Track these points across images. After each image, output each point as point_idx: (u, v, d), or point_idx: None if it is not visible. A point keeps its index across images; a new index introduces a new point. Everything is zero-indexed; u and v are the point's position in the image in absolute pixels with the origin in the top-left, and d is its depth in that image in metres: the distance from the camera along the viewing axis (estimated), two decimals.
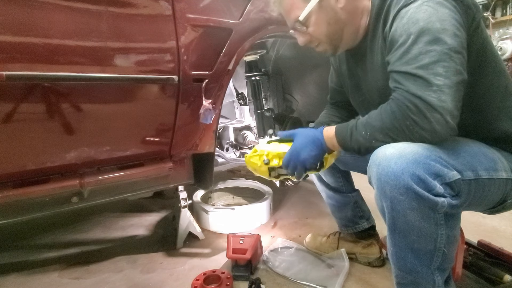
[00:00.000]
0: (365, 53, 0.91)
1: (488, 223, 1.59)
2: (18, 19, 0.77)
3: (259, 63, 1.81)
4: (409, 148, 0.67)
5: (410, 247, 0.72)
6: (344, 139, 0.80)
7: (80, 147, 0.97)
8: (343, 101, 1.16)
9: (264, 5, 1.20)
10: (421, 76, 0.66)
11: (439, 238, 0.70)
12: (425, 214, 0.68)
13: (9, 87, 0.79)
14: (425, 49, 0.67)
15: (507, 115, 0.82)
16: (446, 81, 0.65)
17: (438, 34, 0.67)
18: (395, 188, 0.67)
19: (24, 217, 0.99)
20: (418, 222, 0.69)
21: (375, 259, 1.23)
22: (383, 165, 0.68)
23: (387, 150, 0.69)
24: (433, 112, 0.65)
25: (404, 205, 0.68)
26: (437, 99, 0.64)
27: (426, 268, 0.73)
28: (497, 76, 0.81)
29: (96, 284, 1.17)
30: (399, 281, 0.79)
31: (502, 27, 4.06)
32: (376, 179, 0.70)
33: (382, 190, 0.70)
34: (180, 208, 1.39)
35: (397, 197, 0.67)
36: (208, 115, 1.08)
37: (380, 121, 0.73)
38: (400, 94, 0.70)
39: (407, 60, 0.69)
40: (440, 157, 0.68)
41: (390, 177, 0.67)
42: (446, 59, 0.66)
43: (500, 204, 0.81)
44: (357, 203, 1.25)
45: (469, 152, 0.75)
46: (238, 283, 1.15)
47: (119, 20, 0.90)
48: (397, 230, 0.72)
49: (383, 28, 0.81)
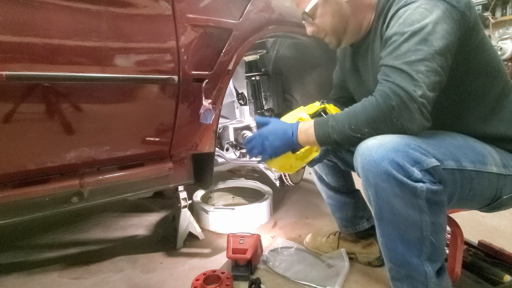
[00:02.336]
0: (367, 49, 0.94)
1: (488, 223, 1.59)
2: (18, 19, 0.77)
3: (259, 63, 1.81)
4: (389, 138, 0.72)
5: (399, 237, 0.75)
6: (324, 131, 0.82)
7: (80, 147, 0.97)
8: (345, 97, 1.18)
9: (264, 5, 1.20)
10: (406, 71, 0.72)
11: (423, 225, 0.72)
12: (409, 201, 0.70)
13: (9, 87, 0.79)
14: (413, 47, 0.73)
15: (500, 116, 0.84)
16: (425, 79, 0.71)
17: (428, 36, 0.72)
18: (377, 175, 0.71)
19: (24, 217, 0.99)
20: (403, 210, 0.71)
21: (375, 259, 1.23)
22: (365, 155, 0.73)
23: (369, 141, 0.74)
24: (413, 102, 0.70)
25: (387, 192, 0.71)
26: (416, 93, 0.70)
27: (416, 259, 0.74)
28: (493, 76, 0.83)
29: (96, 284, 1.17)
30: (393, 275, 0.80)
31: (502, 27, 4.06)
32: (360, 168, 0.75)
33: (366, 178, 0.74)
34: (180, 208, 1.39)
35: (380, 184, 0.71)
36: (208, 115, 1.08)
37: (364, 113, 0.77)
38: (385, 85, 0.74)
39: (396, 56, 0.75)
40: (419, 146, 0.72)
41: (372, 164, 0.71)
42: (429, 59, 0.71)
43: (495, 200, 0.82)
44: (357, 203, 1.25)
45: (454, 144, 0.78)
46: (238, 283, 1.15)
47: (119, 20, 0.90)
48: (384, 219, 0.76)
49: (382, 26, 0.85)
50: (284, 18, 1.26)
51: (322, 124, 0.83)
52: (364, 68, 0.98)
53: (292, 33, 1.37)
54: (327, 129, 0.82)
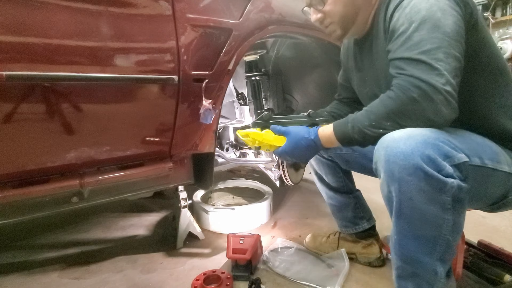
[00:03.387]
0: (371, 43, 0.93)
1: (488, 223, 1.59)
2: (18, 19, 0.77)
3: (259, 63, 1.81)
4: (417, 131, 0.68)
5: (413, 233, 0.72)
6: (344, 132, 0.81)
7: (80, 147, 0.97)
8: (349, 97, 1.18)
9: (264, 5, 1.20)
10: (424, 61, 0.69)
11: (445, 224, 0.68)
12: (432, 197, 0.67)
13: (9, 87, 0.79)
14: (426, 36, 0.70)
15: (506, 113, 0.83)
16: (446, 66, 0.68)
17: (439, 23, 0.70)
18: (404, 168, 0.66)
19: (24, 217, 0.99)
20: (424, 205, 0.68)
21: (375, 259, 1.23)
22: (391, 147, 0.68)
23: (395, 133, 0.70)
24: (437, 94, 0.67)
25: (411, 186, 0.67)
26: (440, 82, 0.67)
27: (428, 257, 0.72)
28: (497, 74, 0.82)
29: (96, 284, 1.17)
30: (399, 273, 0.77)
31: (502, 27, 4.07)
32: (384, 161, 0.69)
33: (390, 172, 0.69)
34: (180, 208, 1.39)
35: (405, 178, 0.67)
36: (208, 115, 1.08)
37: (384, 108, 0.74)
38: (403, 79, 0.72)
39: (409, 47, 0.72)
40: (448, 140, 0.68)
41: (399, 157, 0.67)
42: (446, 45, 0.69)
43: (502, 200, 0.81)
44: (357, 203, 1.25)
45: (475, 141, 0.76)
46: (238, 283, 1.15)
47: (119, 20, 0.90)
48: (402, 216, 0.71)
49: (384, 18, 0.83)
50: (284, 18, 1.26)
51: (342, 125, 0.82)
52: (369, 63, 0.97)
53: (292, 33, 1.37)
54: (347, 130, 0.80)
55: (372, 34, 0.91)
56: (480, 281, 1.10)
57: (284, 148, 0.91)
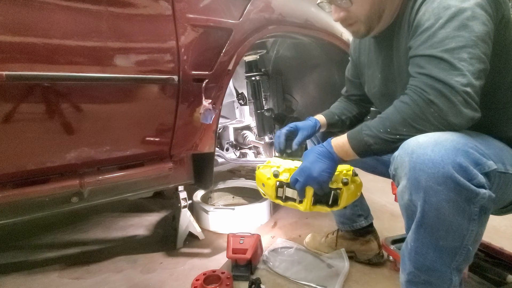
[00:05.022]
0: (391, 39, 0.88)
1: (488, 223, 1.58)
2: (18, 19, 0.77)
3: (259, 63, 1.81)
4: (444, 136, 0.64)
5: (434, 243, 0.67)
6: (359, 141, 0.77)
7: (80, 147, 0.97)
8: (357, 94, 1.17)
9: (264, 5, 1.20)
10: (446, 59, 0.66)
11: (468, 235, 0.65)
12: (460, 207, 0.63)
13: (9, 87, 0.79)
14: (452, 34, 0.66)
15: None
16: (469, 67, 0.65)
17: (467, 21, 0.66)
18: (433, 177, 0.62)
19: (24, 217, 0.99)
20: (451, 216, 0.64)
21: (374, 256, 1.23)
22: (418, 153, 0.64)
23: (420, 138, 0.66)
24: (456, 95, 0.64)
25: (440, 196, 0.62)
26: (460, 83, 0.64)
27: (446, 267, 0.68)
28: None
29: (96, 284, 1.17)
30: (411, 279, 0.73)
31: None
32: (409, 168, 0.65)
33: (416, 180, 0.64)
34: (180, 208, 1.39)
35: (433, 187, 0.62)
36: (208, 115, 1.08)
37: (399, 114, 0.71)
38: (419, 80, 0.69)
39: (432, 44, 0.68)
40: (476, 146, 0.64)
41: (428, 165, 0.62)
42: (472, 45, 0.65)
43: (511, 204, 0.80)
44: (356, 201, 1.25)
45: (496, 145, 0.73)
46: (238, 283, 1.15)
47: (119, 20, 0.90)
48: (424, 225, 0.67)
49: (410, 12, 0.79)
50: (284, 18, 1.26)
51: (356, 135, 0.78)
52: (385, 62, 0.92)
53: (292, 33, 1.37)
54: (362, 139, 0.76)
55: (394, 30, 0.87)
56: (482, 282, 1.09)
57: (302, 164, 0.85)
